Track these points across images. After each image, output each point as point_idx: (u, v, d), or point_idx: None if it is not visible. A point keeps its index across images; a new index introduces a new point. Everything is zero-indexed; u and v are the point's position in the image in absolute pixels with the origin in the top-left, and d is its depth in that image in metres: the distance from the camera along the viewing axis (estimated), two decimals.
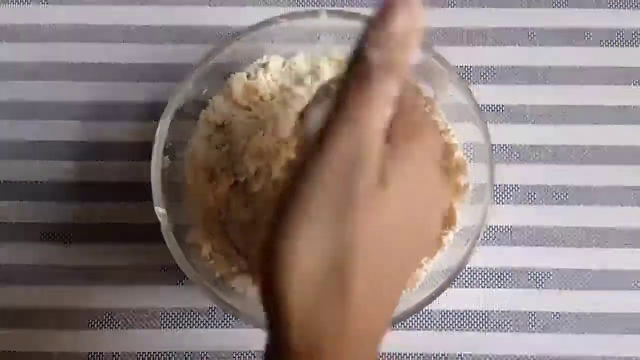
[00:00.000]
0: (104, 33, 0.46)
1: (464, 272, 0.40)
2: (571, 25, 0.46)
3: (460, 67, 0.45)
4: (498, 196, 0.43)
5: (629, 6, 0.46)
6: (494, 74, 0.45)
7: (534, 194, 0.44)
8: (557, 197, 0.44)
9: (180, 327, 0.42)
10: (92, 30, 0.46)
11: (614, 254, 0.43)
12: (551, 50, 0.45)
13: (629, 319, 0.42)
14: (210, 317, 0.42)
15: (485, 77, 0.45)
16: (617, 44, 0.45)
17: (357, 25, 0.38)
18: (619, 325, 0.42)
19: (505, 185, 0.44)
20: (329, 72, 0.40)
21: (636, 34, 0.46)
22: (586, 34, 0.45)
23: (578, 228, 0.43)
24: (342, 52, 0.41)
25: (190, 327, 0.42)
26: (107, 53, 0.46)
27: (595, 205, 0.43)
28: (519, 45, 0.45)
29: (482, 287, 0.43)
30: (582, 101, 0.45)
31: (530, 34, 0.45)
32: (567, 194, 0.44)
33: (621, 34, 0.46)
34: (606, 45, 0.45)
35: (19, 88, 0.45)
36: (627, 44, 0.45)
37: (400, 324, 0.41)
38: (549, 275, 0.42)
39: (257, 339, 0.42)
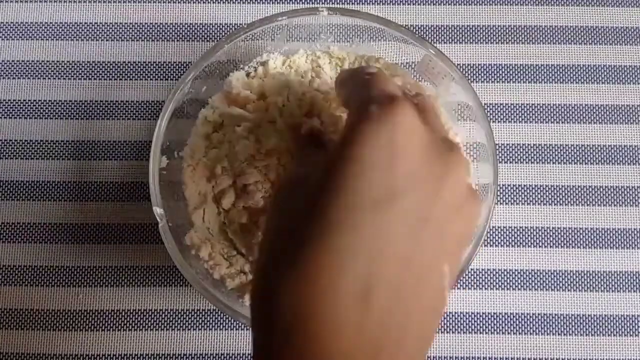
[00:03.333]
0: (102, 31, 0.46)
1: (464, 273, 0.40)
2: (573, 23, 0.45)
3: (461, 65, 0.45)
4: (500, 196, 0.43)
5: (632, 4, 0.45)
6: (495, 72, 0.45)
7: (537, 193, 0.43)
8: (560, 197, 0.43)
9: (178, 329, 0.42)
10: (90, 28, 0.46)
11: (616, 255, 0.42)
12: (553, 47, 0.45)
13: (632, 320, 0.42)
14: (209, 318, 0.42)
15: (486, 75, 0.45)
16: (620, 42, 0.45)
17: (357, 23, 0.38)
18: (622, 327, 0.41)
19: (507, 185, 0.43)
20: (329, 69, 0.40)
21: (638, 32, 0.45)
22: (589, 32, 0.45)
23: (581, 228, 0.43)
24: (342, 49, 0.40)
25: (189, 329, 0.42)
26: (105, 51, 0.46)
27: (598, 206, 0.43)
28: (520, 42, 0.45)
29: (483, 288, 0.42)
30: (585, 100, 0.44)
31: (532, 31, 0.45)
32: (570, 194, 0.43)
33: (624, 31, 0.45)
34: (609, 43, 0.45)
35: (17, 86, 0.45)
36: (630, 41, 0.45)
37: None
38: (551, 276, 0.42)
39: None
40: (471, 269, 0.42)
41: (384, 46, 0.40)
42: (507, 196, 0.43)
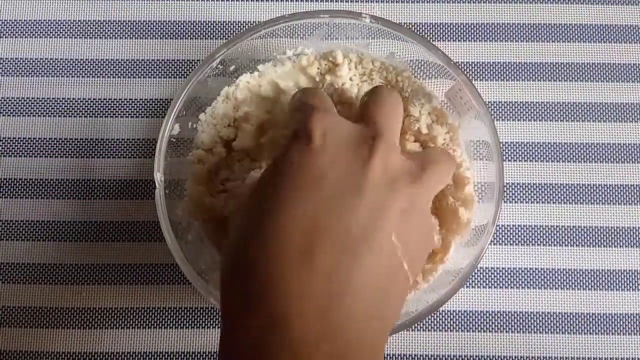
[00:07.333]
0: (108, 28, 0.46)
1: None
2: (577, 21, 0.45)
3: (463, 63, 0.45)
4: (504, 195, 0.43)
5: (633, 2, 0.45)
6: (498, 70, 0.45)
7: (522, 191, 0.43)
8: (546, 194, 0.43)
9: (181, 326, 0.42)
10: (96, 26, 0.46)
11: (604, 253, 0.42)
12: (556, 46, 0.45)
13: (620, 318, 0.41)
14: (211, 315, 0.42)
15: (489, 73, 0.45)
16: (622, 41, 0.45)
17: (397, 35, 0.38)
18: (611, 325, 0.41)
19: (511, 184, 0.43)
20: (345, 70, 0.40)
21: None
22: (591, 30, 0.45)
23: (569, 226, 0.43)
24: (374, 57, 0.40)
25: (191, 327, 0.42)
26: (111, 48, 0.46)
27: (585, 204, 0.43)
28: (524, 41, 0.45)
29: (474, 286, 0.42)
30: (588, 98, 0.44)
31: (535, 29, 0.45)
32: (556, 192, 0.43)
33: (626, 30, 0.45)
34: (612, 42, 0.45)
35: (23, 84, 0.45)
36: (633, 40, 0.45)
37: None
38: (542, 274, 0.42)
39: None
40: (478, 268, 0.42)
41: (415, 65, 0.39)
42: (512, 195, 0.43)
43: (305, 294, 0.24)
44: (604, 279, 0.42)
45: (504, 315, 0.41)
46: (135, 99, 0.45)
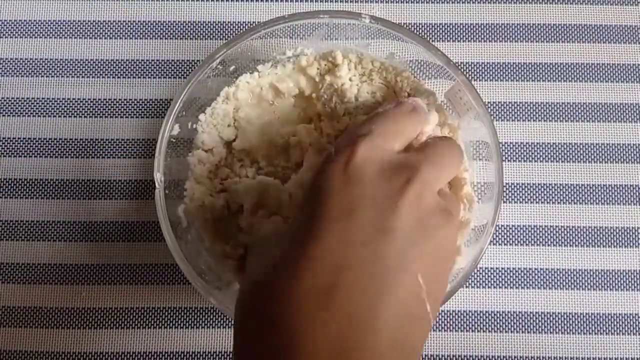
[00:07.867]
0: (108, 28, 0.46)
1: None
2: (580, 22, 0.45)
3: (463, 63, 0.45)
4: (505, 194, 0.43)
5: (633, 2, 0.46)
6: (499, 70, 0.45)
7: (528, 192, 0.43)
8: (552, 195, 0.43)
9: (181, 326, 0.42)
10: (96, 26, 0.46)
11: (611, 253, 0.42)
12: (558, 46, 0.45)
13: (627, 318, 0.42)
14: (211, 315, 0.42)
15: (489, 73, 0.45)
16: (627, 41, 0.45)
17: (397, 35, 0.38)
18: (617, 325, 0.41)
19: (517, 184, 0.43)
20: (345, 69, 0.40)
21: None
22: (595, 31, 0.45)
23: (576, 227, 0.43)
24: (373, 58, 0.40)
25: (191, 327, 0.42)
26: (112, 49, 0.46)
27: (590, 204, 0.43)
28: (525, 41, 0.45)
29: (480, 287, 0.42)
30: (593, 99, 0.44)
31: (537, 29, 0.45)
32: (562, 192, 0.43)
33: (631, 31, 0.45)
34: (617, 42, 0.45)
35: (23, 84, 0.45)
36: (634, 40, 0.45)
37: None
38: (547, 274, 0.42)
39: None
40: (478, 268, 0.42)
41: (415, 65, 0.39)
42: (513, 195, 0.43)
43: (324, 337, 0.24)
44: (609, 280, 0.42)
45: (509, 315, 0.42)
46: (135, 99, 0.45)
